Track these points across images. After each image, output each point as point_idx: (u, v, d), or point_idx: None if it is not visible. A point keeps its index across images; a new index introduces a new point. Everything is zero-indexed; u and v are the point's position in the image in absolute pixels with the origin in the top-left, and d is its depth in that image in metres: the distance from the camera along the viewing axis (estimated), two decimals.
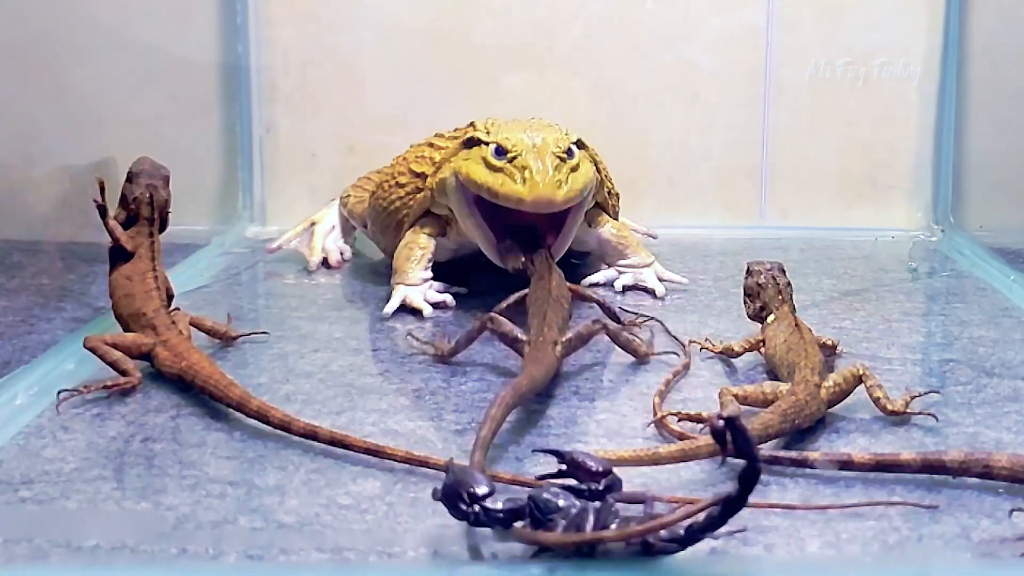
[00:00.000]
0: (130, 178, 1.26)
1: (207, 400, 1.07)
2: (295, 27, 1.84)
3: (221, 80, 1.85)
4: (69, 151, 1.83)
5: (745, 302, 1.22)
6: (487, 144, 1.34)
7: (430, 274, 1.42)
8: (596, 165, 1.44)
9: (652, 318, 1.34)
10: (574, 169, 1.33)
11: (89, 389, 1.10)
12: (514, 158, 1.31)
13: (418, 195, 1.45)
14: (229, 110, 1.85)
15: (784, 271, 1.21)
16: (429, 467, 0.92)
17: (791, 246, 1.76)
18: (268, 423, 1.00)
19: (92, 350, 1.13)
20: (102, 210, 1.23)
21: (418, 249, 1.42)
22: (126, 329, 1.18)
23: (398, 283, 1.40)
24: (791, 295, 1.20)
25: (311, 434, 0.98)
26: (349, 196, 1.67)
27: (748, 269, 1.22)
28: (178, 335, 1.14)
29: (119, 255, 1.23)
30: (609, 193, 1.53)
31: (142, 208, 1.24)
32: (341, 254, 1.65)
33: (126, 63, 1.81)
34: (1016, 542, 0.81)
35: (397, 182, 1.49)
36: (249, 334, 1.28)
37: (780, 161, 1.88)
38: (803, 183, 1.88)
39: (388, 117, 1.83)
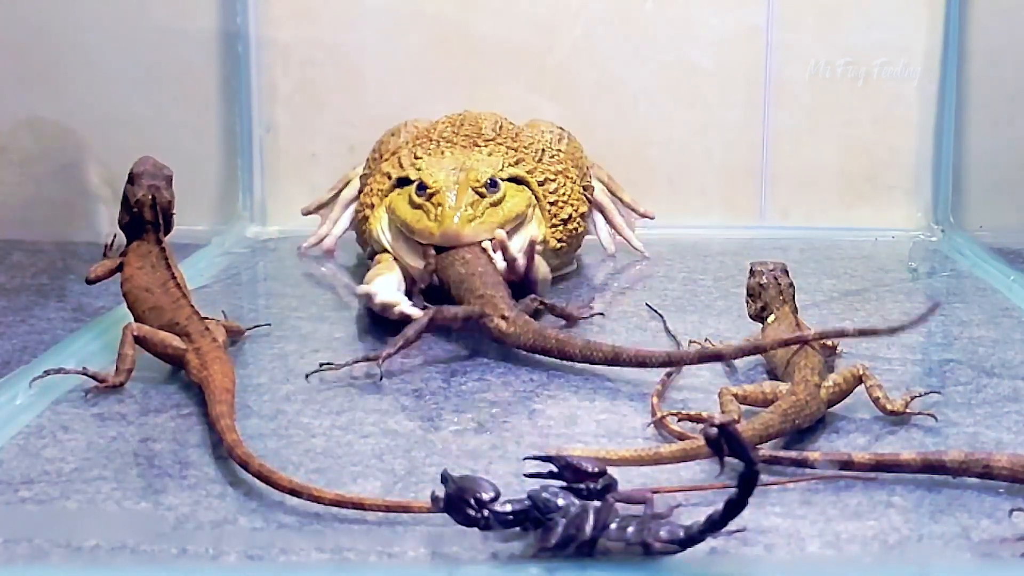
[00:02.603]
0: (131, 179, 1.23)
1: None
2: (295, 27, 1.84)
3: (221, 80, 1.85)
4: (69, 151, 1.83)
5: (747, 302, 1.22)
6: (413, 182, 1.39)
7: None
8: (543, 202, 1.47)
9: (659, 315, 1.35)
10: (495, 204, 1.37)
11: (67, 371, 1.11)
12: (433, 194, 1.36)
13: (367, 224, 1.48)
14: (229, 110, 1.85)
15: (787, 272, 1.21)
16: (412, 511, 0.85)
17: (791, 246, 1.76)
18: (247, 470, 0.91)
19: (124, 334, 1.11)
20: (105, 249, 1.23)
21: (385, 266, 1.40)
22: None
23: (367, 283, 1.38)
24: (793, 295, 1.19)
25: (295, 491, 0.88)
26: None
27: (751, 269, 1.22)
28: (211, 343, 1.11)
29: (121, 268, 1.21)
30: (568, 221, 1.51)
31: (144, 211, 1.21)
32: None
33: (126, 63, 1.81)
34: (1016, 542, 0.81)
35: (364, 215, 1.50)
36: (254, 328, 1.29)
37: (780, 161, 1.88)
38: (803, 183, 1.88)
39: (388, 117, 1.82)
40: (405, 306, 1.28)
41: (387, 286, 1.33)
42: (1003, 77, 1.85)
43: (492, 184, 1.38)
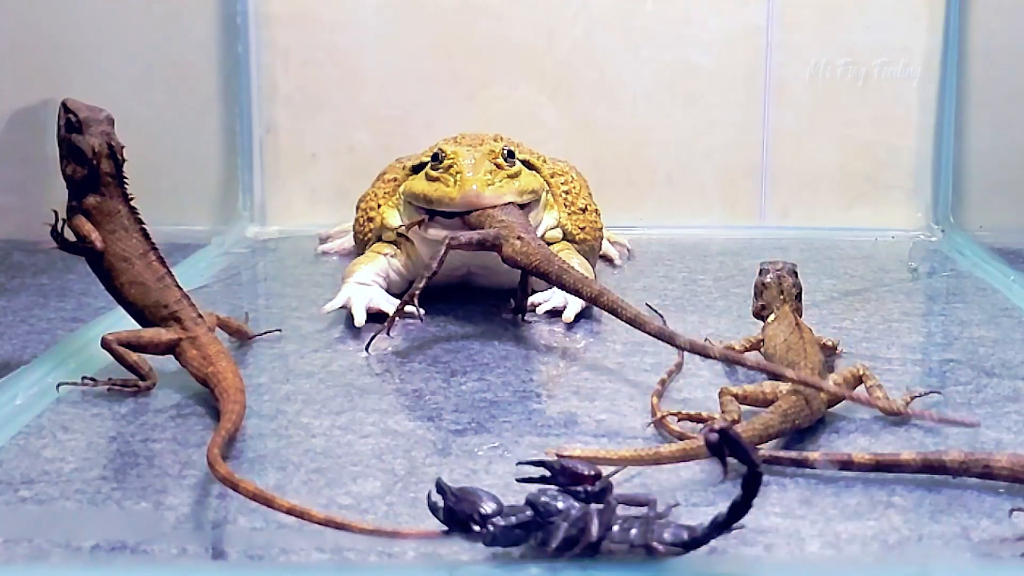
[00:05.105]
0: (79, 128, 1.11)
1: (209, 400, 1.07)
2: (295, 27, 1.85)
3: (221, 80, 1.85)
4: None
5: (753, 299, 1.22)
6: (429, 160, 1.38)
7: (383, 283, 1.39)
8: (557, 196, 1.47)
9: (659, 315, 1.35)
10: (512, 176, 1.36)
11: (96, 383, 1.09)
12: (450, 165, 1.35)
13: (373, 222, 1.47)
14: (229, 110, 1.85)
15: (796, 273, 1.20)
16: (401, 536, 0.82)
17: (791, 246, 1.76)
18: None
19: (110, 352, 1.09)
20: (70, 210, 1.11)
21: (373, 258, 1.41)
22: (138, 318, 1.12)
23: (347, 280, 1.38)
24: (796, 296, 1.19)
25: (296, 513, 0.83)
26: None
27: (760, 268, 1.22)
28: (206, 332, 1.09)
29: (92, 251, 1.11)
30: (585, 211, 1.51)
31: (103, 162, 1.10)
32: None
33: (126, 63, 1.81)
34: (1016, 542, 0.81)
35: (368, 216, 1.50)
36: (264, 334, 1.28)
37: (780, 161, 1.88)
38: (803, 183, 1.88)
39: (388, 117, 1.83)
40: (360, 320, 1.32)
41: (357, 297, 1.35)
42: (1003, 77, 1.85)
43: (509, 155, 1.37)
